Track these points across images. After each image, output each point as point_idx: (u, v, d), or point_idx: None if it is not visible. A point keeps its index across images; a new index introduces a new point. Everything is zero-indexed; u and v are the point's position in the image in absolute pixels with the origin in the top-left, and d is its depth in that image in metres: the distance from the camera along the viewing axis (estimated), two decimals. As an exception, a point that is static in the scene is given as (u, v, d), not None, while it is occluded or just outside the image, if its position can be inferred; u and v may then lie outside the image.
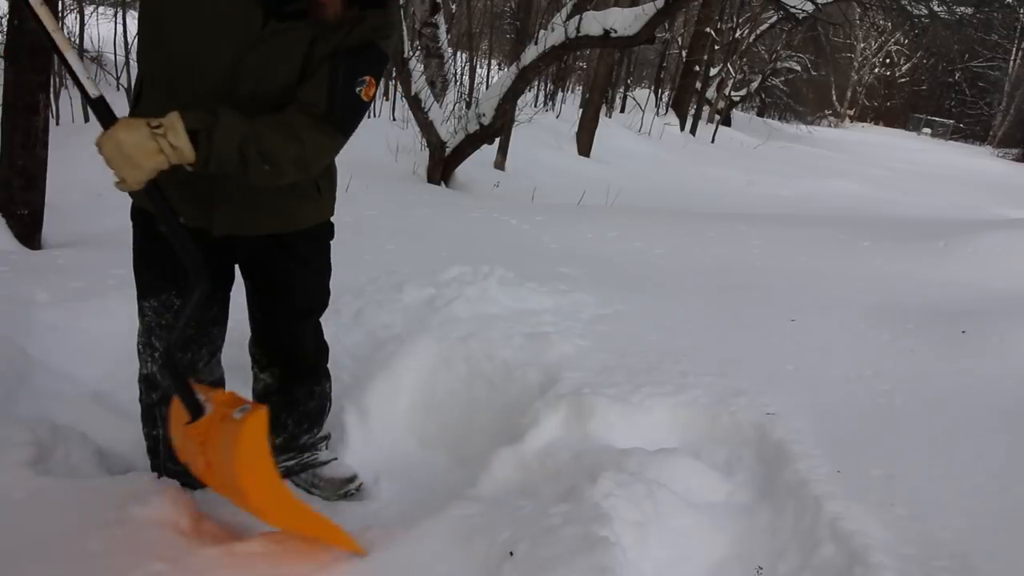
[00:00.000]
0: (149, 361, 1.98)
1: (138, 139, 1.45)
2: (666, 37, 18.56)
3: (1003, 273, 3.81)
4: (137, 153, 1.45)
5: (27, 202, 3.73)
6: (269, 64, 1.58)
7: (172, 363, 1.65)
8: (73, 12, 8.31)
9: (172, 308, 1.86)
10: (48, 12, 1.42)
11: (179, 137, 1.46)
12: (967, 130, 37.34)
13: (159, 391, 1.98)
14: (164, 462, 2.07)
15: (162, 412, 1.95)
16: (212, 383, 2.05)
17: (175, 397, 1.69)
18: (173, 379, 1.66)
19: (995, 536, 1.72)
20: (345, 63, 1.60)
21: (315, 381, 2.22)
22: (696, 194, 10.05)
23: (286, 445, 2.25)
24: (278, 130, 1.56)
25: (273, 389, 2.18)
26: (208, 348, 2.00)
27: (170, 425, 1.77)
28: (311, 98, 1.59)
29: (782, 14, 14.31)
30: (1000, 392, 2.41)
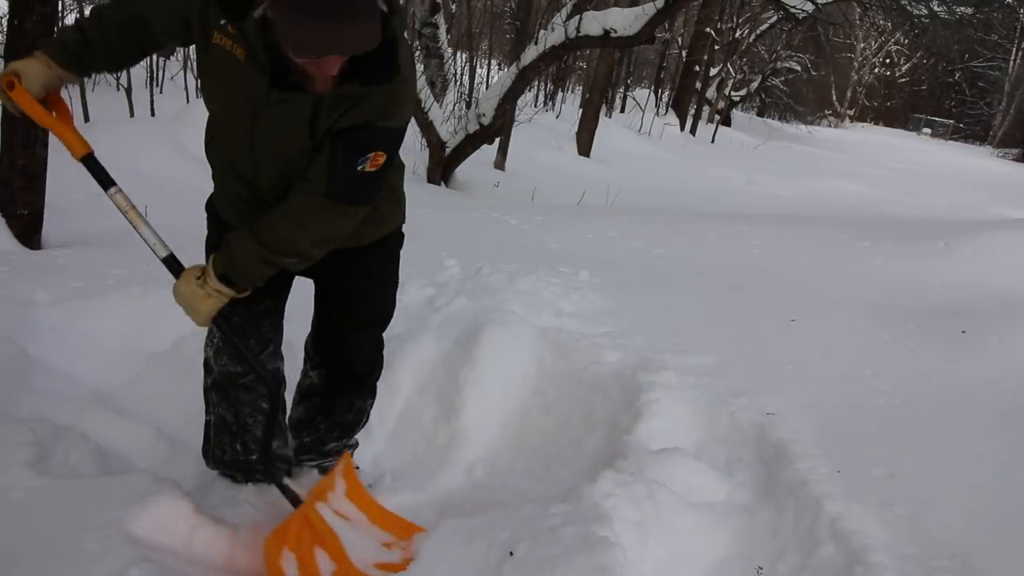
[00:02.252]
0: (208, 346, 2.07)
1: (191, 290, 1.76)
2: (666, 37, 18.56)
3: (1003, 273, 3.81)
4: (194, 301, 1.77)
5: (27, 202, 3.73)
6: (278, 127, 1.69)
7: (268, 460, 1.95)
8: (73, 12, 8.31)
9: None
10: (124, 199, 1.80)
11: (216, 282, 1.75)
12: (967, 130, 37.34)
13: (211, 376, 2.08)
14: (212, 448, 2.15)
15: (212, 397, 2.10)
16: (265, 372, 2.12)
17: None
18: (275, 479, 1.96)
19: (995, 536, 1.72)
20: (344, 141, 1.66)
21: (358, 394, 2.23)
22: (696, 194, 10.05)
23: (311, 447, 2.27)
24: (285, 223, 1.72)
25: (316, 390, 2.21)
26: (258, 339, 2.03)
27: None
28: (313, 176, 1.70)
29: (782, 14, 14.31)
30: (1000, 392, 2.41)
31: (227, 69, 1.67)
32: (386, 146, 1.70)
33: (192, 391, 2.55)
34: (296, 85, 1.60)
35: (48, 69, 1.78)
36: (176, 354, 2.68)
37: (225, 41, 1.65)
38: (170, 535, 1.74)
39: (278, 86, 1.62)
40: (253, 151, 1.75)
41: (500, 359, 2.73)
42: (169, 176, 5.33)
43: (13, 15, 3.57)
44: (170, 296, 1.84)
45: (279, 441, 2.21)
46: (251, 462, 2.15)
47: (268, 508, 2.11)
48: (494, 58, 16.47)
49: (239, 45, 1.63)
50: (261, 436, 1.96)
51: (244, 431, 2.12)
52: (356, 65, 1.56)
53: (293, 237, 1.73)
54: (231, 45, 1.64)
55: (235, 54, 1.64)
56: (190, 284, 1.76)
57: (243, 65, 1.64)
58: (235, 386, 2.07)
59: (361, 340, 2.14)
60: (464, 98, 10.26)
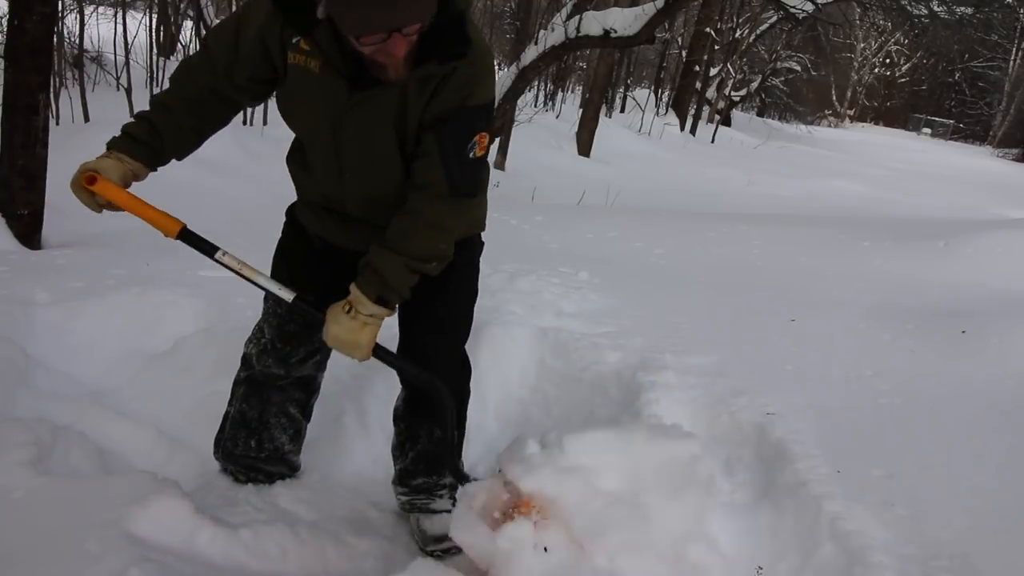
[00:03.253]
0: (252, 343, 2.08)
1: (346, 327, 1.70)
2: (666, 37, 18.56)
3: (1003, 273, 3.81)
4: (351, 336, 1.70)
5: (27, 202, 3.73)
6: (362, 130, 1.69)
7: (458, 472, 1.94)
8: (73, 12, 8.31)
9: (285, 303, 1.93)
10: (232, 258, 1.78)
11: (369, 307, 1.70)
12: (967, 130, 37.34)
13: (248, 371, 2.09)
14: (225, 439, 2.17)
15: (240, 391, 2.11)
16: (300, 378, 2.11)
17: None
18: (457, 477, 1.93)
19: (995, 536, 1.72)
20: (447, 135, 1.66)
21: (437, 422, 2.02)
22: (696, 194, 10.05)
23: (401, 478, 2.17)
24: (422, 232, 1.70)
25: (400, 414, 2.14)
26: (307, 347, 2.04)
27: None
28: (429, 180, 1.69)
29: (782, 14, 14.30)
30: (1000, 392, 2.41)
31: (304, 86, 1.68)
32: (485, 125, 1.70)
33: (192, 391, 2.56)
34: (375, 81, 1.62)
35: (121, 163, 1.76)
36: (176, 354, 2.68)
37: (299, 59, 1.66)
38: (170, 535, 1.74)
39: (359, 86, 1.63)
40: (339, 164, 1.75)
41: (500, 359, 2.73)
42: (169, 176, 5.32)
43: (13, 15, 3.57)
44: (170, 296, 1.84)
45: (292, 447, 2.21)
46: (259, 459, 2.16)
47: (268, 508, 2.11)
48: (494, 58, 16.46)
49: (313, 58, 1.65)
50: (450, 444, 1.89)
51: (263, 429, 2.13)
52: (428, 45, 1.57)
53: (432, 243, 1.72)
54: (305, 60, 1.66)
55: (310, 68, 1.66)
56: (342, 321, 1.70)
57: (319, 77, 1.65)
58: (271, 387, 2.08)
59: (437, 344, 2.01)
60: (464, 98, 10.24)
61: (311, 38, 1.62)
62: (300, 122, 1.78)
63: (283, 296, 1.77)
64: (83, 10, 8.03)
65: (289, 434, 2.18)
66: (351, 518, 2.16)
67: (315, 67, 1.65)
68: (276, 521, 1.98)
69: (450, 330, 2.06)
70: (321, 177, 1.83)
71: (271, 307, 2.04)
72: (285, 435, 2.17)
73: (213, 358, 2.64)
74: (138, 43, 8.75)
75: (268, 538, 1.89)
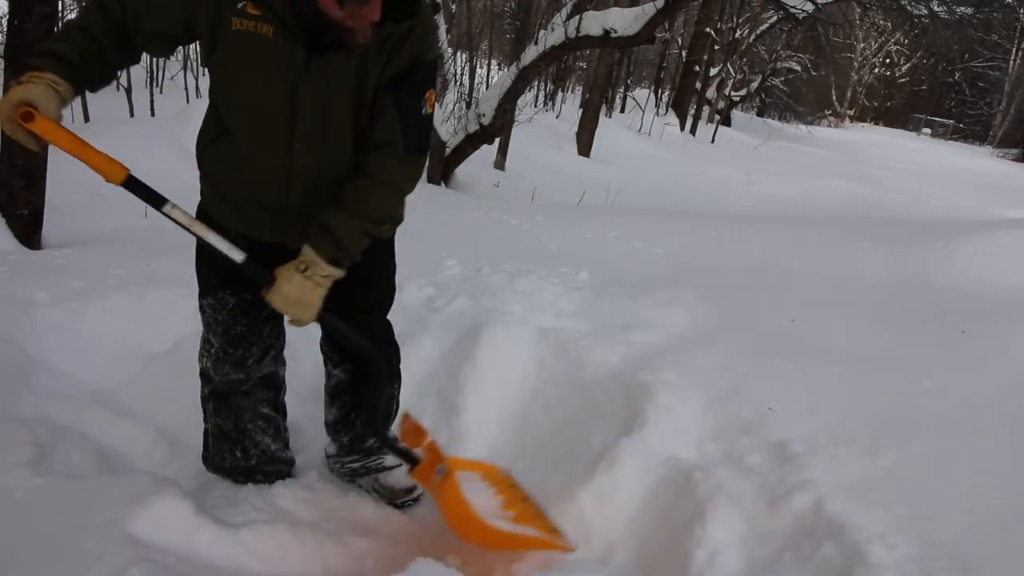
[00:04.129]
0: (205, 357, 2.06)
1: (299, 286, 1.69)
2: (666, 37, 18.56)
3: (1003, 273, 3.80)
4: (303, 295, 1.70)
5: (27, 202, 3.73)
6: (319, 95, 1.67)
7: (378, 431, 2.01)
8: (73, 12, 8.31)
9: (227, 306, 1.95)
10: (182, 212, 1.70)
11: (324, 268, 1.70)
12: (967, 130, 37.33)
13: (210, 385, 2.08)
14: (212, 455, 2.18)
15: (210, 406, 2.11)
16: (262, 378, 2.11)
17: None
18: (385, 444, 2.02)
19: (995, 536, 1.72)
20: (405, 91, 1.69)
21: (383, 380, 2.16)
22: (696, 194, 10.05)
23: (352, 445, 2.27)
24: (379, 191, 1.73)
25: (344, 387, 2.20)
26: (259, 346, 2.04)
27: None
28: (387, 137, 1.71)
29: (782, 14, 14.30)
30: (1000, 392, 2.41)
31: (254, 52, 1.64)
32: (433, 82, 1.74)
33: (192, 391, 2.55)
34: (334, 44, 1.61)
35: (55, 88, 1.61)
36: (176, 354, 2.68)
37: (247, 24, 1.62)
38: (170, 535, 1.74)
39: (317, 50, 1.62)
40: (291, 134, 1.71)
41: (500, 359, 2.73)
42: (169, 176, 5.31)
43: (13, 15, 3.57)
44: (170, 296, 1.84)
45: (278, 445, 2.22)
46: (251, 467, 2.16)
47: (268, 508, 2.11)
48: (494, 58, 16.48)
49: (265, 23, 1.61)
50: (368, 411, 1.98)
51: (244, 437, 2.13)
52: (387, 6, 1.58)
53: (388, 203, 1.75)
54: (255, 26, 1.61)
55: (261, 34, 1.62)
56: (295, 280, 1.69)
57: (274, 42, 1.62)
58: (236, 393, 2.08)
59: (370, 326, 2.09)
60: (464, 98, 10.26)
61: (261, 3, 1.59)
62: (247, 92, 1.70)
63: (233, 256, 1.72)
64: (83, 10, 8.01)
65: (270, 434, 2.18)
66: (351, 518, 2.16)
67: (268, 32, 1.61)
68: (276, 521, 1.98)
69: (378, 307, 2.13)
70: (260, 160, 1.75)
71: (211, 316, 2.00)
72: (267, 436, 2.17)
73: (213, 358, 2.64)
74: (138, 43, 8.73)
75: (268, 538, 1.90)
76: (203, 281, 2.00)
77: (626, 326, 2.97)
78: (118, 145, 5.74)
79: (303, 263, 1.70)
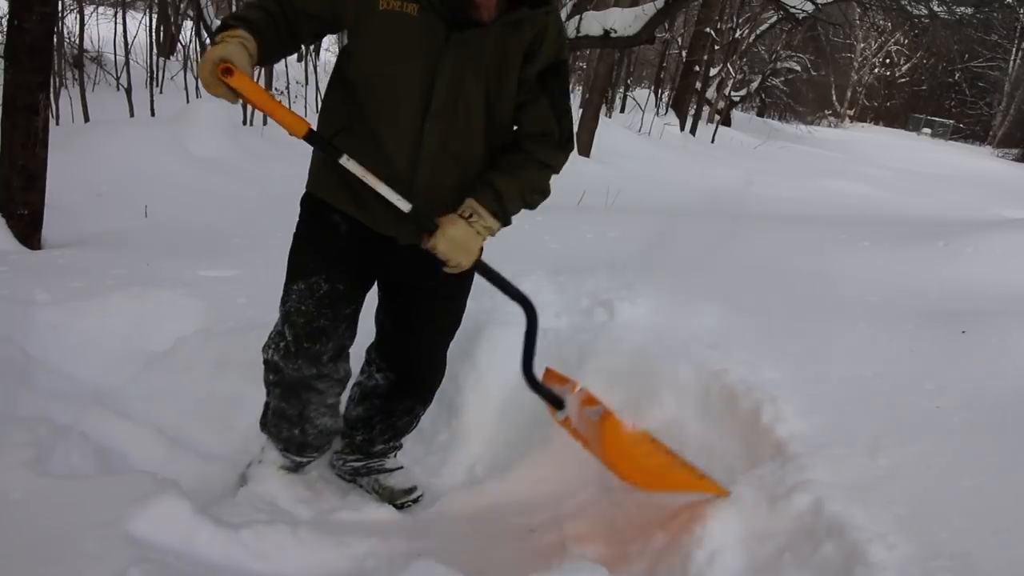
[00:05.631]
0: (272, 349, 2.06)
1: (463, 231, 1.81)
2: (666, 37, 18.55)
3: (1003, 273, 3.80)
4: (467, 241, 1.81)
5: (27, 202, 3.73)
6: (456, 72, 1.76)
7: (529, 373, 2.06)
8: (73, 12, 8.31)
9: (316, 294, 1.96)
10: (356, 164, 1.76)
11: (488, 219, 1.84)
12: (967, 130, 37.33)
13: (278, 375, 2.09)
14: (269, 425, 2.21)
15: (277, 392, 2.12)
16: (338, 380, 2.14)
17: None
18: (532, 386, 2.07)
19: (995, 536, 1.72)
20: (555, 85, 1.84)
21: (419, 401, 2.27)
22: (696, 194, 10.04)
23: (361, 446, 2.29)
24: (538, 168, 1.89)
25: (380, 392, 2.21)
26: (335, 343, 2.05)
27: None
28: (542, 128, 1.87)
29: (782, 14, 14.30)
30: (1000, 392, 2.41)
31: (399, 31, 1.73)
32: (569, 79, 1.89)
33: (192, 391, 2.56)
34: (472, 23, 1.70)
35: (246, 47, 1.67)
36: (176, 354, 2.68)
37: (394, 4, 1.71)
38: (170, 535, 1.74)
39: (458, 26, 1.71)
40: (426, 109, 1.79)
41: (500, 359, 2.73)
42: (169, 176, 5.33)
43: (13, 15, 3.57)
44: (170, 296, 1.85)
45: (334, 420, 2.23)
46: (306, 442, 2.19)
47: (268, 508, 2.11)
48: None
49: (410, 2, 1.71)
50: (522, 353, 2.05)
51: (305, 422, 2.15)
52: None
53: (546, 179, 1.91)
54: (401, 5, 1.71)
55: (407, 12, 1.71)
56: (461, 226, 1.80)
57: (418, 19, 1.72)
58: (307, 388, 2.07)
59: (435, 348, 2.17)
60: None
61: None
62: (391, 69, 1.78)
63: (401, 206, 1.78)
64: (83, 10, 8.03)
65: (330, 416, 2.21)
66: (351, 518, 2.16)
67: (413, 10, 1.71)
68: (276, 521, 1.98)
69: (449, 331, 2.19)
70: (391, 135, 1.81)
71: (295, 305, 2.00)
72: (327, 418, 2.20)
73: (213, 358, 2.64)
74: (138, 43, 8.76)
75: (268, 538, 1.90)
76: (298, 265, 2.01)
77: (626, 326, 2.97)
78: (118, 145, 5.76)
79: (468, 210, 1.82)
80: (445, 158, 1.84)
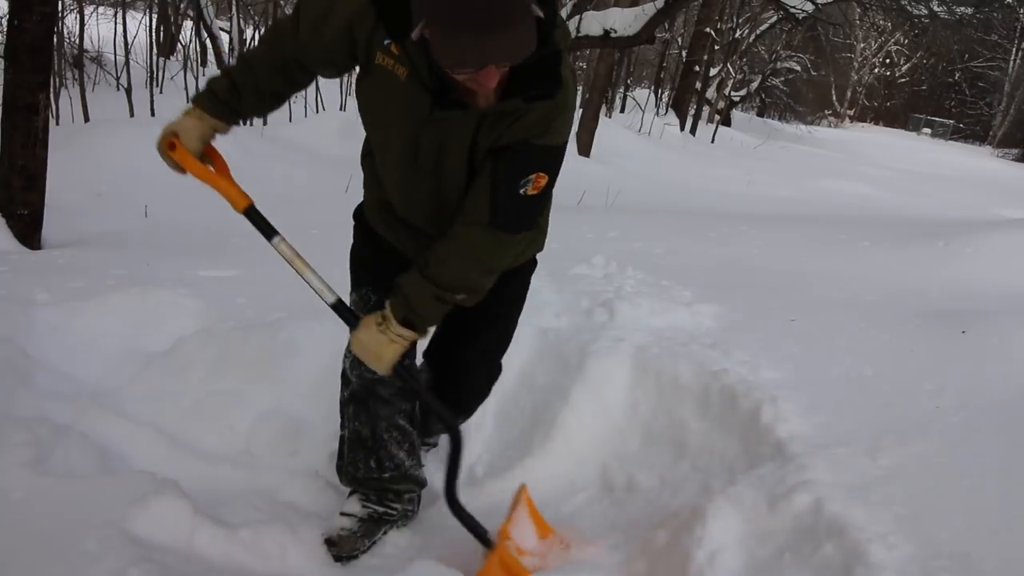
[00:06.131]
0: (345, 357, 2.06)
1: (372, 337, 1.74)
2: (666, 37, 18.55)
3: (1003, 273, 3.80)
4: (377, 348, 1.74)
5: (27, 202, 3.74)
6: (438, 147, 1.68)
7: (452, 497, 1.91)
8: (73, 12, 8.32)
9: (368, 304, 1.97)
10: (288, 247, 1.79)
11: (397, 328, 1.73)
12: (967, 130, 37.32)
13: (348, 388, 2.06)
14: (346, 464, 2.13)
15: (349, 411, 2.08)
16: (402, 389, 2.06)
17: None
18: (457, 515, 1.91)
19: (995, 536, 1.72)
20: (504, 163, 1.63)
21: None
22: (696, 194, 10.04)
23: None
24: (453, 259, 1.70)
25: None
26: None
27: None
28: (474, 207, 1.68)
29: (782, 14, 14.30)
30: (1000, 392, 2.41)
31: (388, 90, 1.65)
32: (547, 167, 1.66)
33: (192, 391, 2.56)
34: (458, 103, 1.58)
35: (201, 122, 1.80)
36: (176, 354, 2.68)
37: (387, 61, 1.63)
38: (170, 535, 1.74)
39: (440, 105, 1.60)
40: (414, 171, 1.74)
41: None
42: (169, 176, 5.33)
43: (13, 15, 3.57)
44: (170, 296, 1.85)
45: (412, 461, 2.15)
46: (384, 479, 2.10)
47: (268, 508, 2.11)
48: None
49: (401, 65, 1.62)
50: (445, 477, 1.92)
51: (379, 447, 2.07)
52: (519, 80, 1.53)
53: (463, 273, 1.72)
54: (393, 65, 1.63)
55: (397, 74, 1.63)
56: (371, 332, 1.74)
57: (405, 84, 1.62)
58: (374, 397, 2.03)
59: (480, 367, 2.12)
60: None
61: (402, 45, 1.59)
62: (377, 122, 1.77)
63: (325, 297, 1.80)
64: (83, 10, 8.03)
65: (405, 449, 2.12)
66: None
67: (402, 74, 1.62)
68: (276, 521, 1.98)
69: (493, 351, 2.11)
70: (394, 178, 1.80)
71: (359, 311, 2.00)
72: (402, 451, 2.11)
73: (213, 358, 2.64)
74: (138, 43, 8.76)
75: (268, 538, 1.90)
76: (352, 277, 2.05)
77: (626, 326, 2.97)
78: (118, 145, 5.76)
79: (382, 317, 1.74)
80: (440, 210, 1.79)
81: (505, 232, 1.70)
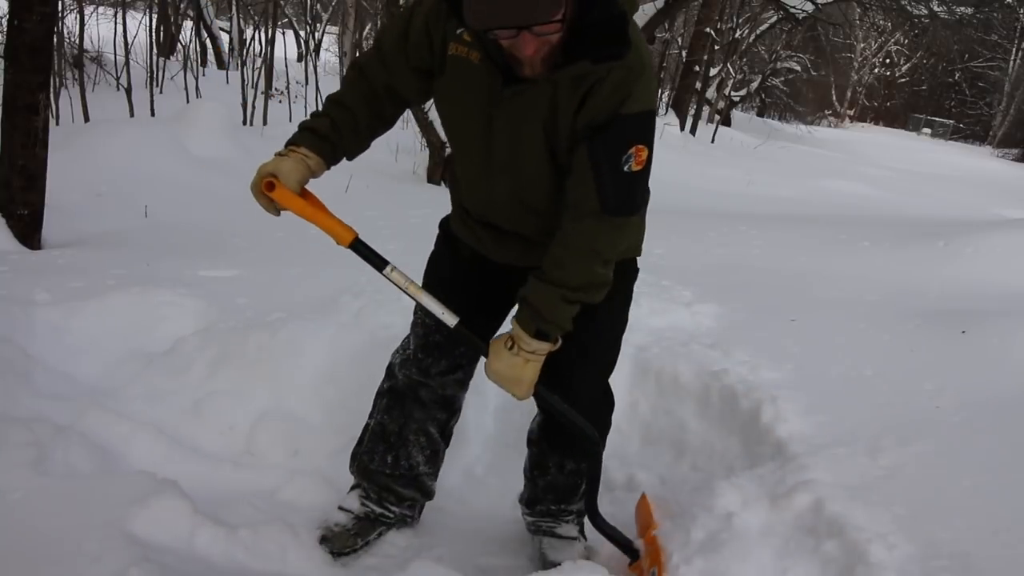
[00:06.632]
0: (399, 352, 2.04)
1: (508, 363, 1.69)
2: (666, 37, 18.57)
3: (1003, 273, 3.81)
4: (515, 372, 1.69)
5: (27, 202, 3.74)
6: (512, 125, 1.64)
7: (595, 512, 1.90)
8: (73, 12, 8.32)
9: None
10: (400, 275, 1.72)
11: (531, 343, 1.67)
12: (967, 130, 37.32)
13: (391, 381, 2.06)
14: (362, 452, 2.12)
15: (382, 403, 2.07)
16: (444, 397, 2.05)
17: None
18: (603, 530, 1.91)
19: (995, 536, 1.72)
20: (599, 145, 1.57)
21: (569, 454, 2.02)
22: (696, 194, 10.04)
23: (528, 503, 2.14)
24: (571, 257, 1.64)
25: (533, 439, 2.10)
26: (448, 361, 1.98)
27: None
28: (579, 196, 1.60)
29: (782, 14, 14.31)
30: (1000, 392, 2.41)
31: (463, 76, 1.65)
32: (643, 137, 1.60)
33: (192, 391, 2.56)
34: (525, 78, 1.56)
35: (303, 162, 1.71)
36: (176, 354, 2.68)
37: (461, 50, 1.63)
38: (170, 535, 1.74)
39: (510, 81, 1.58)
40: (490, 161, 1.70)
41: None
42: (169, 176, 5.33)
43: (13, 15, 3.57)
44: (170, 296, 1.84)
45: (428, 469, 2.11)
46: (393, 478, 2.08)
47: (268, 508, 2.11)
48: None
49: (474, 50, 1.61)
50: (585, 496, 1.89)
51: (401, 445, 2.06)
52: (583, 42, 1.48)
53: (586, 267, 1.64)
54: (467, 52, 1.62)
55: (471, 59, 1.62)
56: (503, 357, 1.69)
57: (478, 67, 1.62)
58: (413, 399, 2.02)
59: (584, 376, 1.93)
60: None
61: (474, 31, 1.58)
62: (455, 115, 1.74)
63: (447, 320, 1.72)
64: (83, 10, 8.04)
65: (426, 455, 2.09)
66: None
67: (476, 58, 1.62)
68: (276, 521, 1.98)
69: (597, 360, 1.97)
70: (471, 180, 1.79)
71: (420, 317, 2.00)
72: (422, 455, 2.08)
73: (213, 358, 2.64)
74: (138, 43, 8.76)
75: (268, 538, 1.90)
76: (424, 282, 1.97)
77: (626, 326, 2.97)
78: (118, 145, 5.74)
79: (510, 339, 1.69)
80: (520, 211, 1.76)
81: (619, 216, 1.63)
